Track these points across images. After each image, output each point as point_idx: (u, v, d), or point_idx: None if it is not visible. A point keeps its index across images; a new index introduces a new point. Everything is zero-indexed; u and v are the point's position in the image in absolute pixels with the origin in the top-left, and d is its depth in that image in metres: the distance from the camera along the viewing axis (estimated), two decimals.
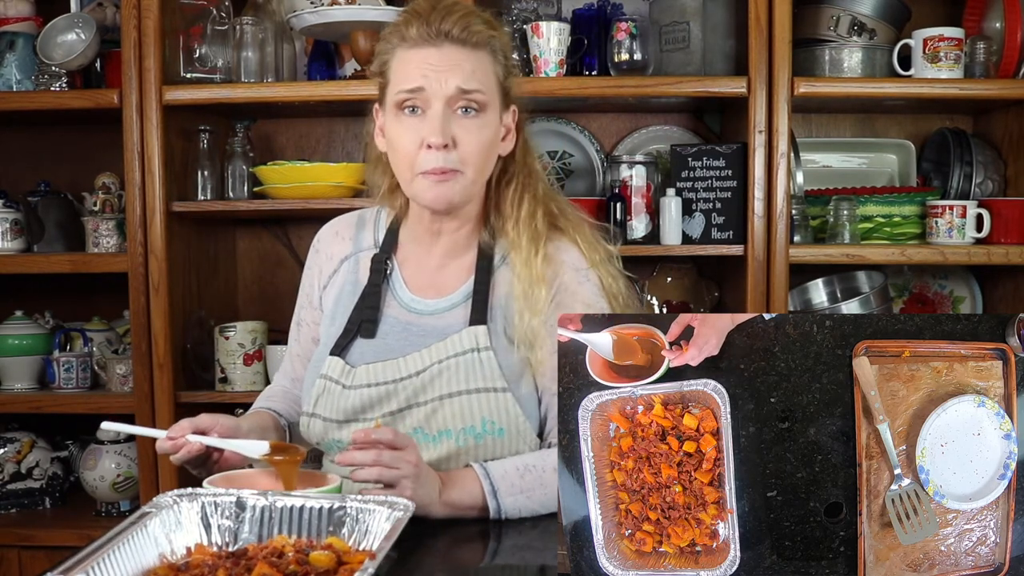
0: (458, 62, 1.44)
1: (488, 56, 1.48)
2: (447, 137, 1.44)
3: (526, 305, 1.48)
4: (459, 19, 1.45)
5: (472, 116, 1.46)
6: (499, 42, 1.51)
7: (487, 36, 1.48)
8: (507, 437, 1.48)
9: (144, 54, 2.35)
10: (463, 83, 1.44)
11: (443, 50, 1.44)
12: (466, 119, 1.45)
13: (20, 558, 2.44)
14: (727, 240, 2.40)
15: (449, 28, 1.44)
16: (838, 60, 2.42)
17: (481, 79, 1.46)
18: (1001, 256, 2.34)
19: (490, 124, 1.48)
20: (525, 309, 1.48)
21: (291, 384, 1.71)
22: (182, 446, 1.39)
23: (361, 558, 1.09)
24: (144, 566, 1.08)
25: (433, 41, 1.44)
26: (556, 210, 1.59)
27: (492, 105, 1.48)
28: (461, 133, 1.45)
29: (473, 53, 1.46)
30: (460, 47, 1.45)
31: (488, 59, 1.48)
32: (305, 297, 1.68)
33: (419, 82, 1.44)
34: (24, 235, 2.56)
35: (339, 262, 1.63)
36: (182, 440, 1.40)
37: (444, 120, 1.44)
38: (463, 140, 1.45)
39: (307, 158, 2.73)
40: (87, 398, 2.54)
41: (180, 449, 1.40)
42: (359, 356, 1.53)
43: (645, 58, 2.40)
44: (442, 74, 1.43)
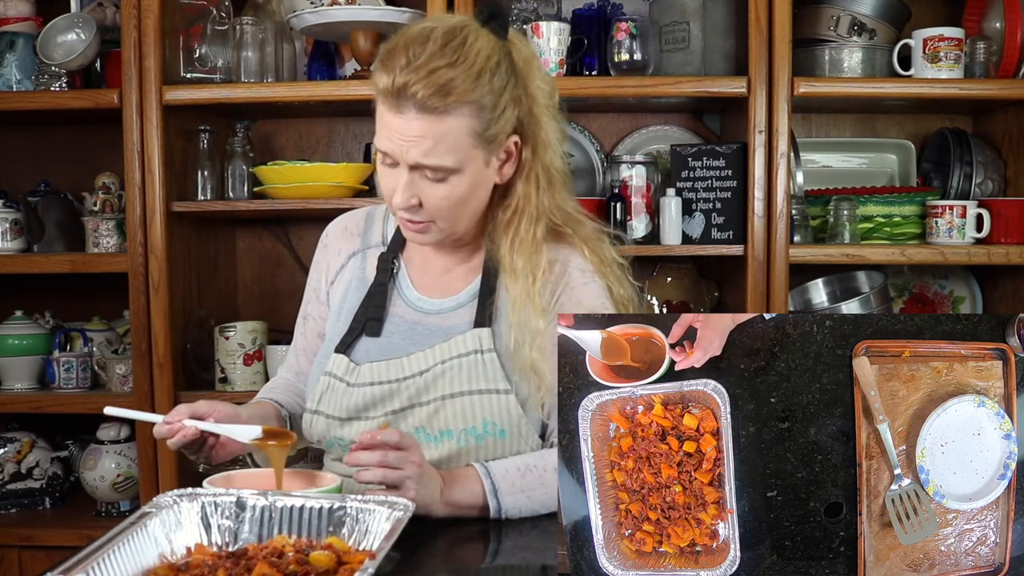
0: (420, 134, 1.36)
1: (460, 116, 1.37)
2: (409, 201, 1.41)
3: (529, 306, 1.48)
4: (431, 85, 1.34)
5: (439, 180, 1.40)
6: (483, 93, 1.38)
7: (464, 97, 1.36)
8: (508, 438, 1.48)
9: (144, 54, 2.36)
10: (422, 158, 1.37)
11: (405, 119, 1.36)
12: (432, 181, 1.40)
13: (20, 558, 2.44)
14: (727, 240, 2.40)
15: (416, 91, 1.34)
16: (838, 60, 2.42)
17: (449, 147, 1.37)
18: (1001, 256, 2.34)
19: (462, 182, 1.41)
20: (529, 310, 1.48)
21: (295, 378, 1.70)
22: (178, 431, 1.39)
23: (361, 558, 1.09)
24: (144, 566, 1.08)
25: (397, 107, 1.36)
26: (561, 220, 1.55)
27: (468, 162, 1.40)
28: (428, 193, 1.41)
29: (438, 120, 1.36)
30: (425, 116, 1.35)
31: (460, 119, 1.37)
32: (312, 292, 1.67)
33: (386, 146, 1.39)
34: (24, 235, 2.56)
35: (347, 257, 1.63)
36: (178, 425, 1.39)
37: (408, 185, 1.40)
38: (429, 200, 1.41)
39: (307, 158, 2.73)
40: (87, 398, 2.54)
41: (176, 434, 1.39)
42: (364, 354, 1.53)
43: (645, 58, 2.40)
44: (405, 144, 1.37)
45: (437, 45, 1.37)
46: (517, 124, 1.46)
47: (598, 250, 1.56)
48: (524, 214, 1.50)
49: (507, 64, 1.43)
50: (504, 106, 1.42)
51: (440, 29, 1.39)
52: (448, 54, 1.36)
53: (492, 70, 1.40)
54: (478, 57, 1.38)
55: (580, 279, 1.53)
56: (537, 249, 1.50)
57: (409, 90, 1.34)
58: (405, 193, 1.40)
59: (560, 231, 1.55)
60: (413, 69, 1.35)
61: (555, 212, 1.54)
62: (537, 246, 1.50)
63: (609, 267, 1.56)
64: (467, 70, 1.37)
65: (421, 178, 1.40)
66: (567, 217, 1.56)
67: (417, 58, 1.35)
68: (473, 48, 1.39)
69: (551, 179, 1.53)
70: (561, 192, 1.56)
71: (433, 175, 1.40)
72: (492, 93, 1.39)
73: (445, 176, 1.40)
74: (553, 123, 1.53)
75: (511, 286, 1.50)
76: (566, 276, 1.53)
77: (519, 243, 1.50)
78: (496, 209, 1.53)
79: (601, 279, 1.54)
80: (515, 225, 1.51)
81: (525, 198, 1.51)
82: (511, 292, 1.49)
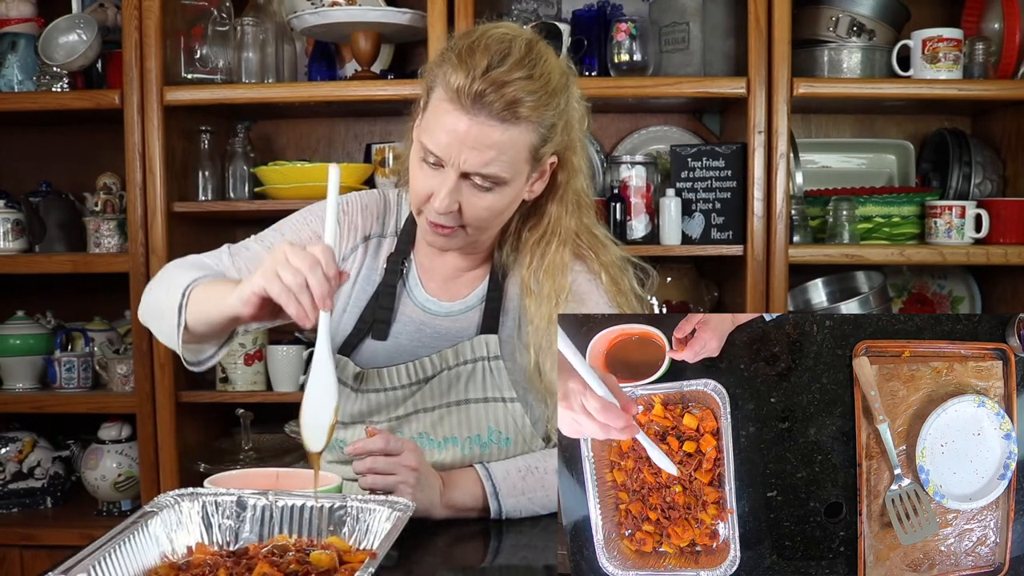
0: (484, 142, 1.32)
1: (526, 131, 1.35)
2: (451, 207, 1.37)
3: (552, 329, 1.44)
4: (508, 96, 1.31)
5: (486, 190, 1.37)
6: (550, 113, 1.36)
7: (534, 114, 1.34)
8: (513, 446, 1.48)
9: (145, 55, 2.36)
10: (481, 167, 1.34)
11: (474, 122, 1.31)
12: (478, 190, 1.37)
13: (22, 557, 2.44)
14: (727, 240, 2.41)
15: (493, 100, 1.30)
16: (837, 61, 2.42)
17: (507, 160, 1.35)
18: (1000, 256, 2.34)
19: (506, 194, 1.39)
20: (551, 333, 1.44)
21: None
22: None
23: (362, 557, 1.09)
24: (145, 565, 1.09)
25: (468, 108, 1.31)
26: (587, 243, 1.53)
27: (515, 176, 1.38)
28: (470, 200, 1.37)
29: (507, 131, 1.33)
30: (494, 124, 1.32)
31: (525, 134, 1.35)
32: (315, 235, 1.51)
33: (440, 149, 1.34)
34: (25, 235, 2.57)
35: (362, 239, 1.56)
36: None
37: (453, 191, 1.35)
38: (469, 206, 1.38)
39: (307, 158, 2.73)
40: (88, 398, 2.55)
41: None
42: (369, 358, 1.51)
43: (645, 59, 2.40)
44: (464, 149, 1.33)
45: (519, 55, 1.33)
46: (560, 145, 1.44)
47: (617, 278, 1.52)
48: (555, 236, 1.49)
49: (569, 87, 1.42)
50: (560, 127, 1.41)
51: (521, 40, 1.35)
52: (528, 67, 1.33)
53: (561, 91, 1.39)
54: (552, 75, 1.37)
55: (589, 288, 1.51)
56: (563, 272, 1.47)
57: (486, 97, 1.30)
58: (449, 198, 1.35)
59: (582, 253, 1.53)
60: (494, 77, 1.31)
61: (581, 236, 1.52)
62: (563, 269, 1.48)
63: (625, 296, 1.52)
64: (544, 86, 1.34)
65: (468, 186, 1.36)
66: (593, 241, 1.54)
67: (499, 65, 1.31)
68: (548, 65, 1.37)
69: (580, 202, 1.52)
70: (590, 215, 1.54)
71: (482, 183, 1.36)
72: (556, 113, 1.38)
73: (493, 187, 1.37)
74: (583, 148, 1.51)
75: (534, 309, 1.47)
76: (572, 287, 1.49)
77: (546, 266, 1.47)
78: (523, 228, 1.51)
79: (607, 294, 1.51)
80: (543, 246, 1.49)
81: (557, 220, 1.49)
82: (533, 316, 1.46)
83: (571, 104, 1.44)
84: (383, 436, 1.35)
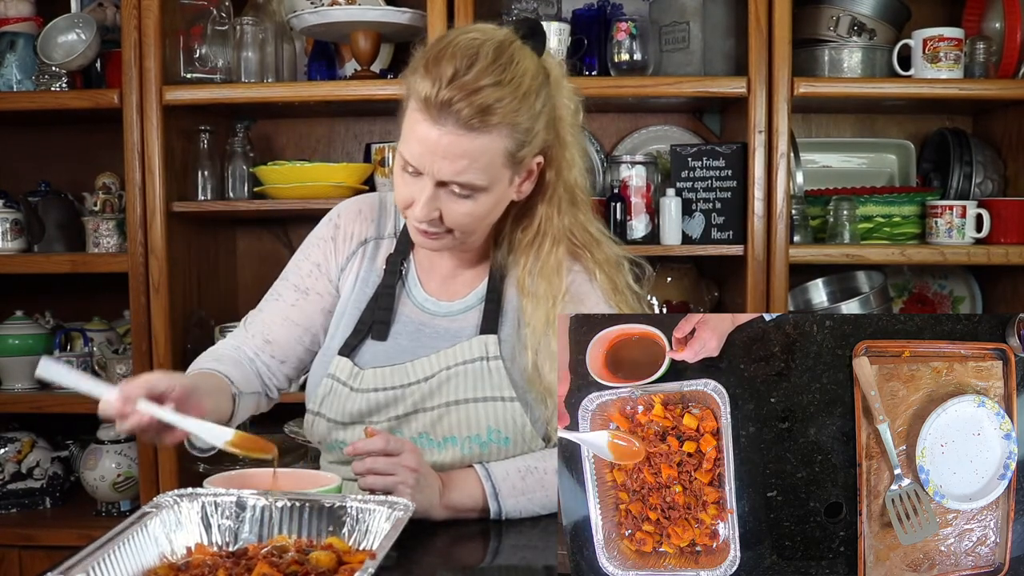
0: (455, 151, 1.32)
1: (499, 137, 1.33)
2: (430, 215, 1.37)
3: (550, 331, 1.44)
4: (476, 104, 1.30)
5: (464, 197, 1.36)
6: (525, 116, 1.35)
7: (505, 120, 1.32)
8: (513, 446, 1.48)
9: (144, 54, 2.35)
10: (455, 176, 1.33)
11: (443, 131, 1.31)
12: (457, 197, 1.36)
13: (20, 558, 2.44)
14: (727, 240, 2.40)
15: (460, 109, 1.29)
16: (838, 60, 2.42)
17: (480, 167, 1.34)
18: (1001, 256, 2.34)
19: (486, 200, 1.39)
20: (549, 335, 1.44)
21: (265, 345, 1.57)
22: (130, 415, 1.24)
23: (361, 558, 1.09)
24: (144, 566, 1.09)
25: (436, 118, 1.30)
26: (581, 241, 1.52)
27: (494, 182, 1.37)
28: (450, 207, 1.37)
29: (477, 139, 1.32)
30: (463, 132, 1.31)
31: (498, 140, 1.33)
32: (315, 266, 1.57)
33: (415, 159, 1.34)
34: (24, 235, 2.56)
35: (358, 244, 1.57)
36: (130, 409, 1.24)
37: (431, 199, 1.36)
38: (450, 212, 1.38)
39: (307, 158, 2.73)
40: (87, 398, 2.53)
41: (129, 417, 1.24)
42: (369, 358, 1.51)
43: (645, 58, 2.40)
44: (436, 159, 1.32)
45: (487, 61, 1.32)
46: (543, 145, 1.43)
47: (613, 276, 1.52)
48: (547, 236, 1.48)
49: (546, 86, 1.41)
50: (539, 129, 1.39)
51: (490, 44, 1.34)
52: (496, 72, 1.32)
53: (535, 92, 1.37)
54: (524, 78, 1.35)
55: (587, 289, 1.50)
56: (558, 272, 1.47)
57: (453, 106, 1.29)
58: (427, 207, 1.36)
59: (576, 251, 1.52)
60: (460, 84, 1.30)
61: (575, 232, 1.52)
62: (558, 269, 1.47)
63: (622, 294, 1.52)
64: (514, 91, 1.33)
65: (446, 193, 1.36)
66: (587, 238, 1.53)
67: (465, 73, 1.30)
68: (520, 67, 1.35)
69: (573, 198, 1.51)
70: (586, 211, 1.54)
71: (460, 192, 1.36)
72: (531, 116, 1.36)
73: (471, 194, 1.36)
74: (576, 141, 1.50)
75: (531, 311, 1.47)
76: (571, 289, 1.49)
77: (540, 266, 1.47)
78: (515, 229, 1.51)
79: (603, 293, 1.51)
80: (536, 247, 1.48)
81: (547, 220, 1.49)
82: (531, 318, 1.46)
83: (555, 101, 1.43)
84: (383, 436, 1.35)
